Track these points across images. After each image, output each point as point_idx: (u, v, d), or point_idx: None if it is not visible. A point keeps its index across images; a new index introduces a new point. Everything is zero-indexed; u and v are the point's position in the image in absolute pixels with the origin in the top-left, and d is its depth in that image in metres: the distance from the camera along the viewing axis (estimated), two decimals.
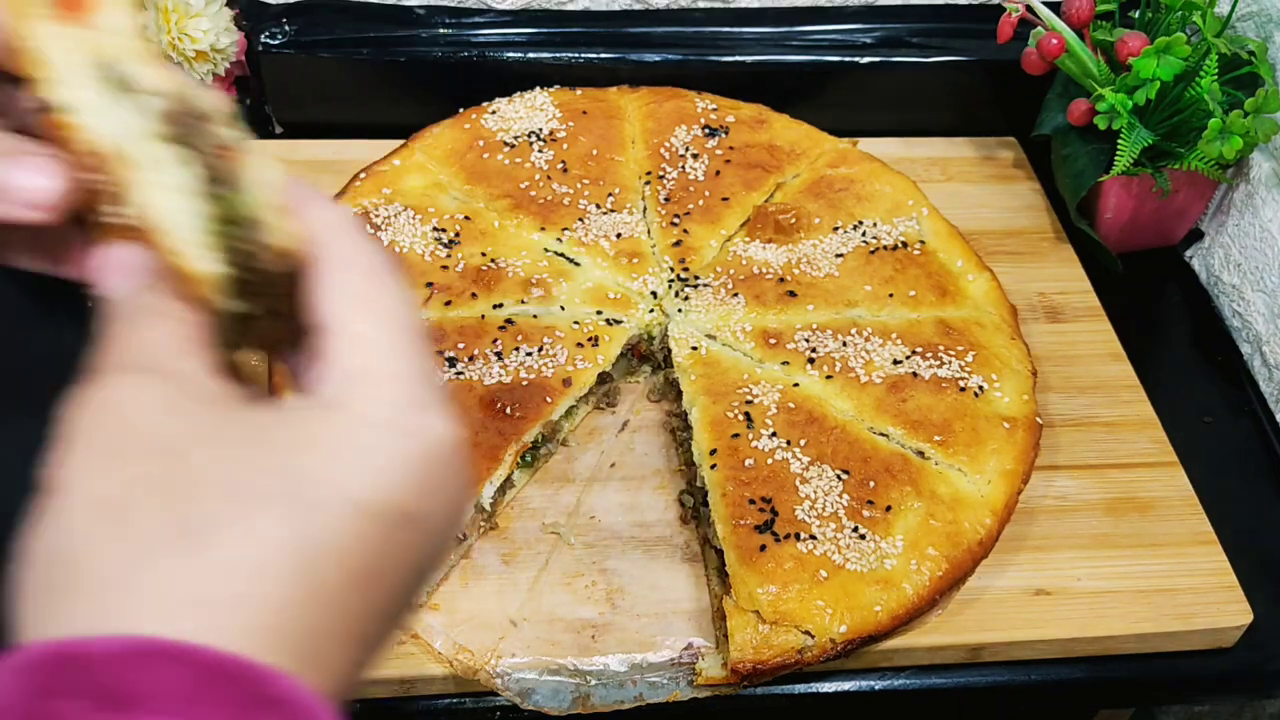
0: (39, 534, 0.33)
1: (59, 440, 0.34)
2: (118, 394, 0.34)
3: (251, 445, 0.33)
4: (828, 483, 0.68)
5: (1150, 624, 0.68)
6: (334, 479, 0.33)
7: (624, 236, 0.81)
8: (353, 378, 0.36)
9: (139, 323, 0.37)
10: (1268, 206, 0.85)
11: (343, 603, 0.33)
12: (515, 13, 0.94)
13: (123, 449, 0.33)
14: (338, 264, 0.38)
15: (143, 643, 0.30)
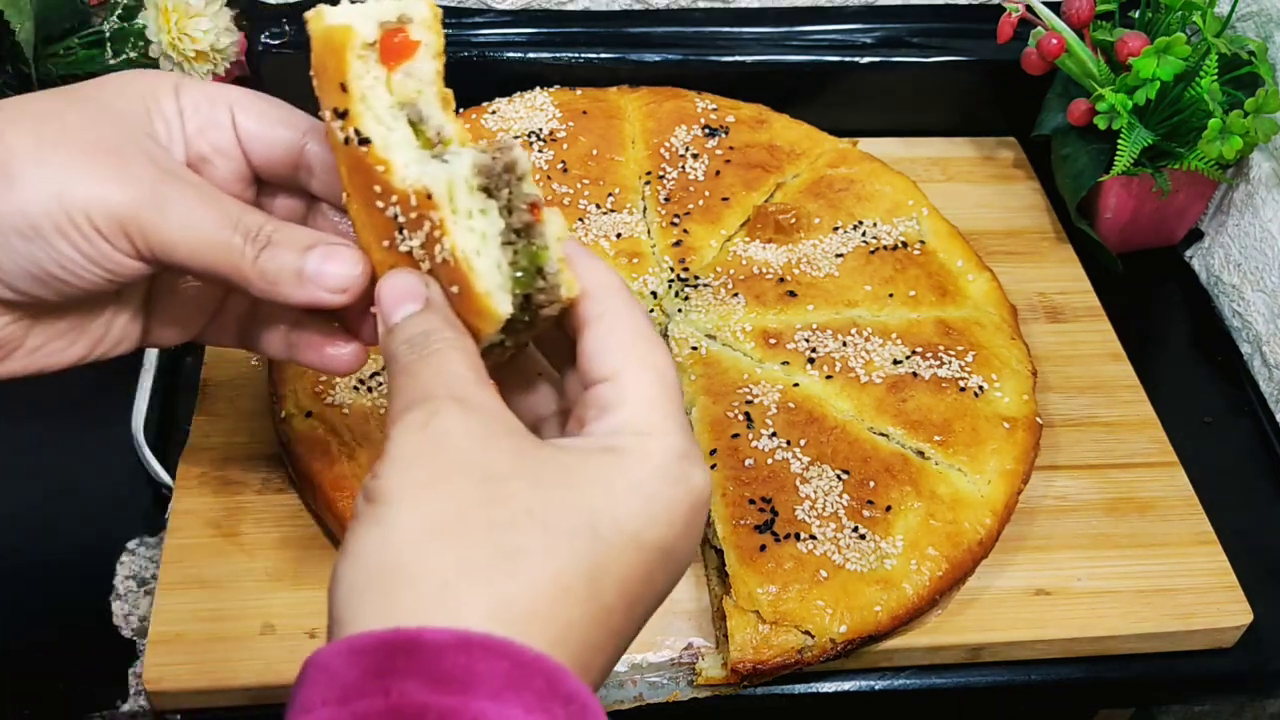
0: (366, 538, 0.38)
1: (387, 457, 0.39)
2: (440, 422, 0.39)
3: (557, 481, 0.39)
4: (828, 483, 0.68)
5: (1150, 624, 0.68)
6: (620, 517, 0.39)
7: (624, 236, 0.81)
8: (636, 428, 0.41)
9: (436, 352, 0.42)
10: (1268, 206, 0.85)
11: (614, 622, 0.39)
12: (515, 13, 0.94)
13: (449, 474, 0.38)
14: (616, 323, 0.44)
15: (470, 635, 0.35)
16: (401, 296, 0.44)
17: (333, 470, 0.66)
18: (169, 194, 0.46)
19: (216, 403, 0.74)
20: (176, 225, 0.46)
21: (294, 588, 0.66)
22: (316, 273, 0.47)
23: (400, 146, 0.46)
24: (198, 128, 0.49)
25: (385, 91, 0.47)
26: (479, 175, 0.44)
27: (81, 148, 0.46)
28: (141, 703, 0.63)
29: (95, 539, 0.70)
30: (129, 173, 0.46)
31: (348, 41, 0.45)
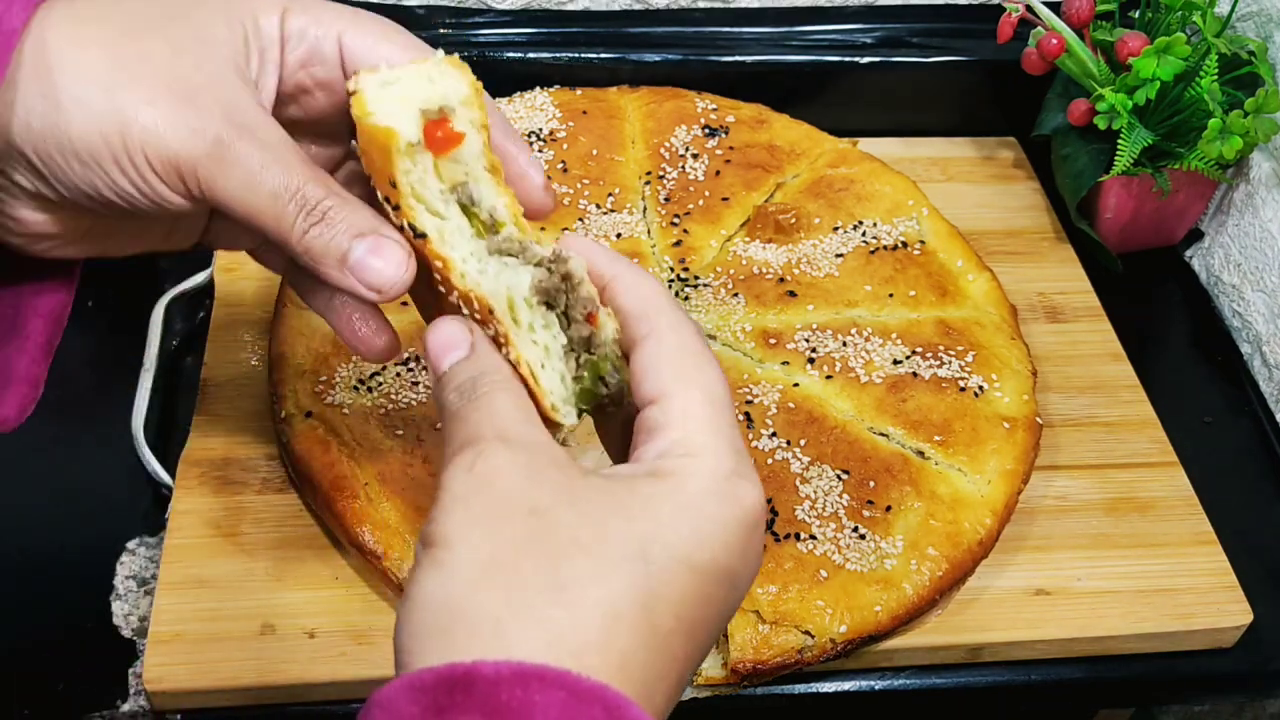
0: (425, 581, 0.38)
1: (440, 501, 0.40)
2: (486, 462, 0.40)
3: (605, 509, 0.39)
4: (828, 483, 0.68)
5: (1150, 624, 0.68)
6: (672, 541, 0.39)
7: (624, 236, 0.81)
8: (683, 450, 0.41)
9: (484, 395, 0.42)
10: (1268, 206, 0.85)
11: (673, 648, 0.39)
12: (515, 13, 0.94)
13: (498, 511, 0.39)
14: (661, 344, 0.43)
15: (526, 667, 0.35)
16: (448, 344, 0.44)
17: (333, 470, 0.66)
18: (232, 148, 0.45)
19: (216, 403, 0.74)
20: (234, 184, 0.45)
21: (294, 588, 0.66)
22: (359, 264, 0.46)
23: (455, 236, 0.46)
24: (300, 59, 0.48)
25: (435, 179, 0.46)
26: (538, 293, 0.44)
27: (155, 82, 0.45)
28: (141, 703, 0.63)
29: (95, 539, 0.70)
30: (197, 118, 0.44)
31: (392, 143, 0.45)
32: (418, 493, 0.65)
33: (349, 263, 0.46)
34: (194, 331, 0.80)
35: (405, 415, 0.69)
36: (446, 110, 0.46)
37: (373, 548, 0.63)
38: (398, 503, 0.65)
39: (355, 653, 0.63)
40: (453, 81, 0.47)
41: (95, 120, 0.44)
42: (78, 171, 0.45)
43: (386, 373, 0.71)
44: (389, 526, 0.64)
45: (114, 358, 0.57)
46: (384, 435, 0.68)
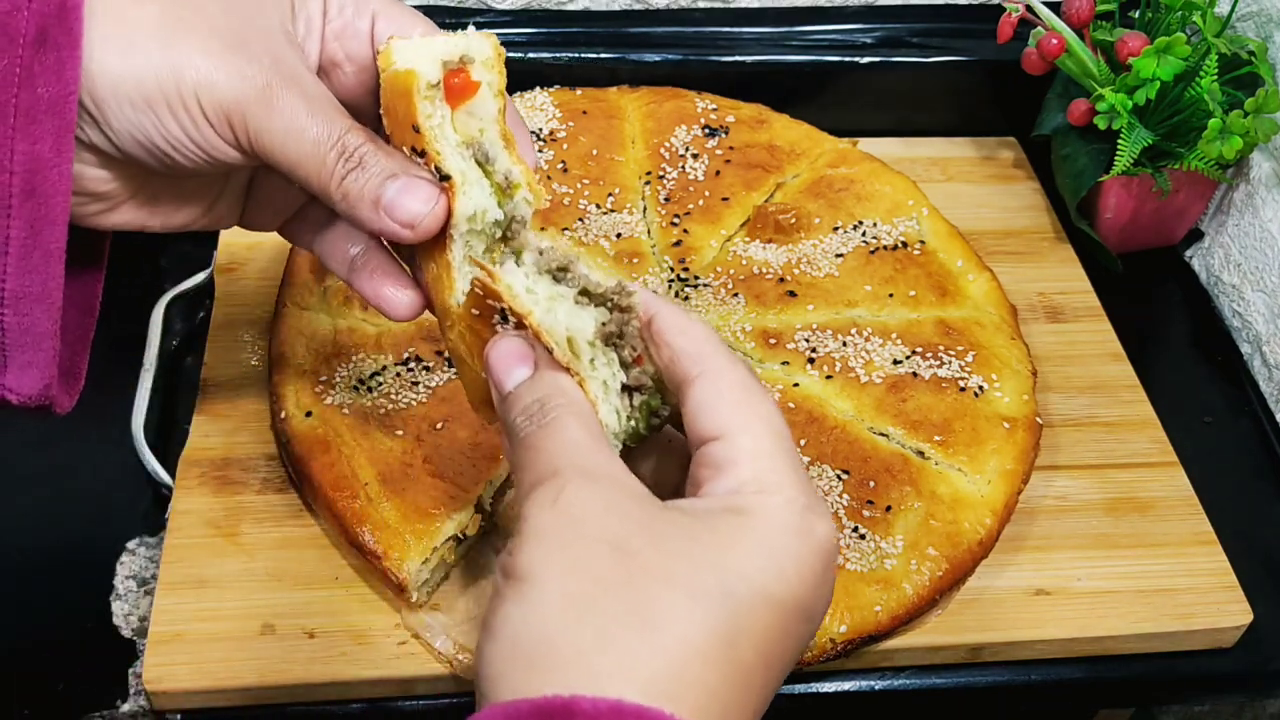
0: (510, 613, 0.39)
1: (522, 533, 0.40)
2: (568, 496, 0.40)
3: (687, 545, 0.39)
4: (828, 483, 0.68)
5: (1150, 624, 0.68)
6: (751, 576, 0.39)
7: (624, 236, 0.81)
8: (756, 486, 0.42)
9: (554, 420, 0.43)
10: (1268, 206, 0.85)
11: (753, 682, 0.39)
12: (515, 13, 0.94)
13: (582, 546, 0.39)
14: (719, 380, 0.44)
15: (624, 705, 0.36)
16: (511, 363, 0.45)
17: (333, 470, 0.66)
18: (280, 96, 0.47)
19: (216, 403, 0.74)
20: (279, 128, 0.47)
21: (294, 588, 0.66)
22: (391, 203, 0.48)
23: (474, 189, 0.48)
24: (336, 31, 0.51)
25: (452, 130, 0.48)
26: (602, 336, 0.45)
27: (209, 31, 0.47)
28: (141, 703, 0.63)
29: (95, 539, 0.70)
30: (248, 66, 0.47)
31: (413, 84, 0.47)
32: (418, 493, 0.65)
33: (383, 202, 0.48)
34: (194, 331, 0.80)
35: (405, 415, 0.69)
36: (466, 60, 0.48)
37: (373, 548, 0.63)
38: (398, 503, 0.65)
39: (355, 653, 0.63)
40: (476, 40, 0.49)
41: (150, 67, 0.46)
42: (131, 118, 0.46)
43: (386, 373, 0.71)
44: (389, 526, 0.64)
45: (114, 358, 0.57)
46: (384, 435, 0.68)
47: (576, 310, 0.46)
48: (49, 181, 0.46)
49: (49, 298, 0.48)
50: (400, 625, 0.64)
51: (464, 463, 0.67)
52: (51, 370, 0.49)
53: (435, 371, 0.71)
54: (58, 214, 0.47)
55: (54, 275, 0.47)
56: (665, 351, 0.45)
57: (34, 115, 0.45)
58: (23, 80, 0.45)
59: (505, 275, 0.45)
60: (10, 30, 0.45)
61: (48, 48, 0.45)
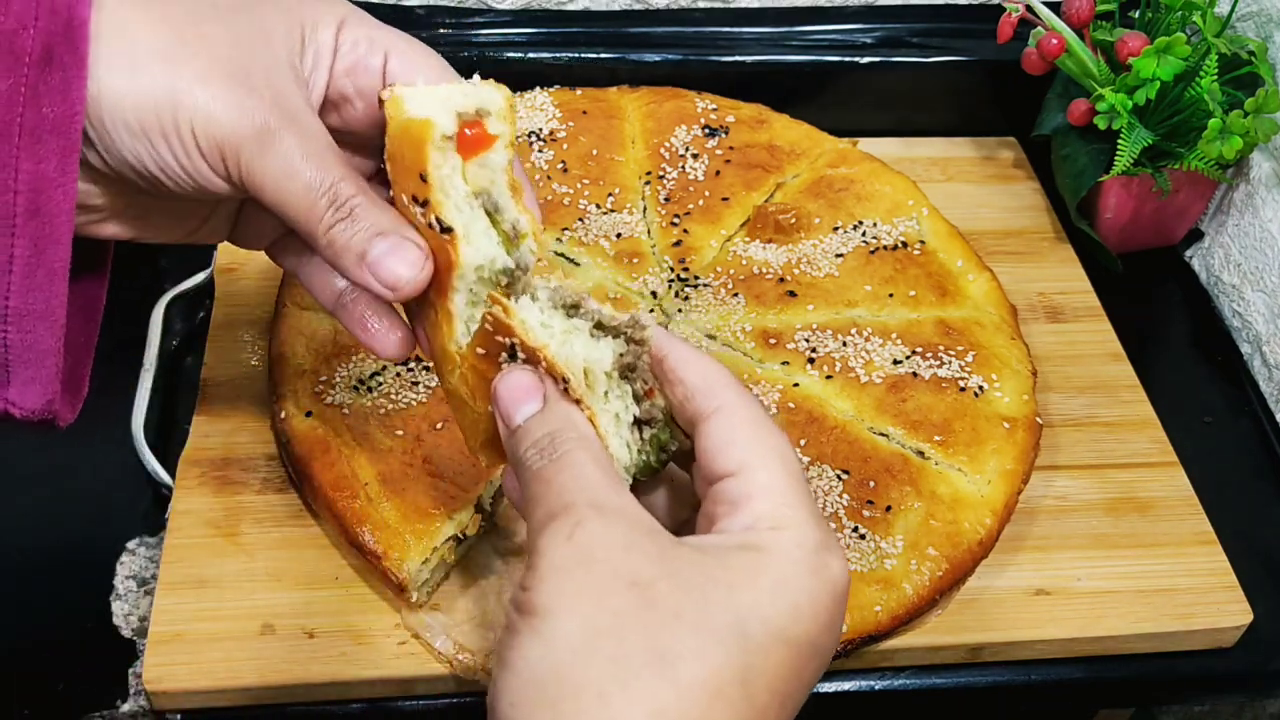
0: (526, 649, 0.39)
1: (537, 569, 0.40)
2: (583, 533, 0.40)
3: (702, 583, 0.40)
4: (828, 483, 0.68)
5: (1150, 624, 0.68)
6: (767, 615, 0.40)
7: (624, 236, 0.81)
8: (770, 523, 0.42)
9: (566, 454, 0.43)
10: (1268, 206, 0.85)
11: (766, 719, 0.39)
12: (515, 13, 0.94)
13: (598, 582, 0.39)
14: (733, 416, 0.44)
15: None
16: (520, 396, 0.45)
17: (333, 470, 0.66)
18: (277, 136, 0.47)
19: (216, 403, 0.74)
20: (272, 168, 0.47)
21: (294, 588, 0.66)
22: (376, 261, 0.48)
23: (481, 238, 0.48)
24: (347, 67, 0.50)
25: (461, 181, 0.48)
26: (618, 367, 0.45)
27: (211, 60, 0.46)
28: (141, 703, 0.63)
29: (95, 539, 0.70)
30: (247, 100, 0.46)
31: (428, 135, 0.46)
32: (418, 493, 0.65)
33: (368, 259, 0.48)
34: (194, 331, 0.80)
35: (405, 415, 0.69)
36: (482, 113, 0.48)
37: (373, 548, 0.63)
38: (398, 503, 0.65)
39: (355, 653, 0.63)
40: (489, 93, 0.48)
41: (149, 92, 0.45)
42: (126, 141, 0.46)
43: (386, 373, 0.71)
44: (389, 526, 0.64)
45: (114, 358, 0.57)
46: (384, 435, 0.68)
47: (592, 343, 0.46)
48: (53, 201, 0.46)
49: (52, 315, 0.48)
50: (400, 625, 0.64)
51: (464, 463, 0.67)
52: (55, 386, 0.49)
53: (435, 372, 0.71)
54: (62, 233, 0.47)
55: (57, 293, 0.47)
56: (678, 388, 0.45)
57: (39, 135, 0.45)
58: (28, 100, 0.45)
59: (520, 310, 0.45)
60: (16, 49, 0.45)
61: (53, 67, 0.45)
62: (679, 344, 0.46)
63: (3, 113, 0.45)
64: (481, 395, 0.47)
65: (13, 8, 0.45)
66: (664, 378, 0.46)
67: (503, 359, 0.46)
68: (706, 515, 0.44)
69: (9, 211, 0.46)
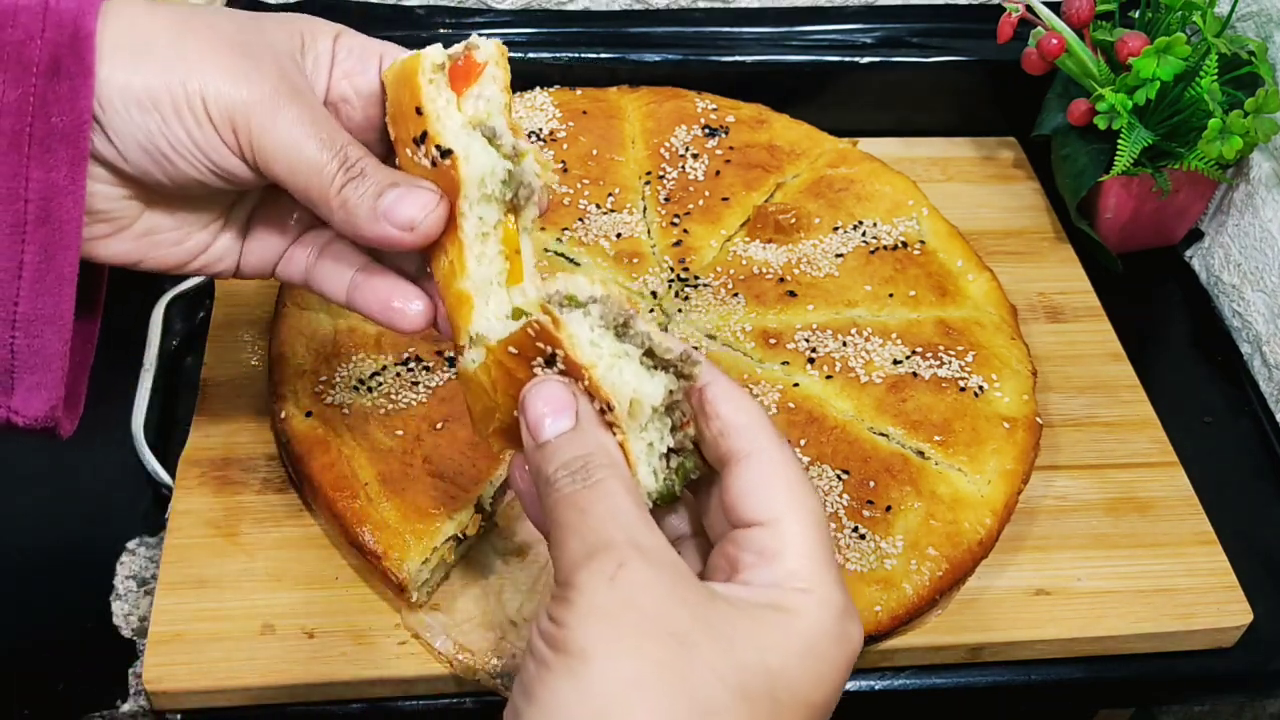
0: (561, 689, 0.39)
1: (575, 605, 0.40)
2: (627, 575, 0.40)
3: (738, 642, 0.40)
4: (827, 483, 0.68)
5: (1150, 624, 0.68)
6: (794, 683, 0.40)
7: (624, 236, 0.81)
8: (799, 583, 0.42)
9: (600, 483, 0.43)
10: (1268, 206, 0.85)
11: None
12: (515, 13, 0.94)
13: (641, 630, 0.39)
14: (772, 464, 0.44)
15: None
16: (552, 409, 0.44)
17: (333, 470, 0.66)
18: (284, 104, 0.48)
19: (216, 403, 0.74)
20: (282, 135, 0.48)
21: (294, 588, 0.66)
22: (390, 208, 0.49)
23: (480, 156, 0.48)
24: (345, 71, 0.52)
25: (456, 111, 0.49)
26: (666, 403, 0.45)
27: (219, 42, 0.48)
28: (141, 703, 0.63)
29: (95, 539, 0.70)
30: (254, 74, 0.48)
31: (418, 67, 0.48)
32: (418, 493, 0.65)
33: (381, 208, 0.49)
34: (194, 331, 0.80)
35: (405, 415, 0.69)
36: (470, 47, 0.49)
37: (373, 548, 0.63)
38: (398, 503, 0.65)
39: (355, 653, 0.63)
40: (489, 44, 0.50)
41: (159, 67, 0.47)
42: (137, 120, 0.47)
43: (386, 373, 0.71)
44: (389, 526, 0.64)
45: (114, 358, 0.57)
46: (384, 435, 0.68)
47: (644, 373, 0.45)
48: (63, 208, 0.47)
49: (60, 319, 0.48)
50: (400, 625, 0.64)
51: (464, 463, 0.67)
52: (59, 391, 0.50)
53: (435, 371, 0.71)
54: (71, 239, 0.47)
55: (65, 298, 0.48)
56: (715, 422, 0.45)
57: (49, 144, 0.46)
58: (37, 110, 0.46)
59: (570, 324, 0.44)
60: (24, 60, 0.46)
61: (61, 76, 0.46)
62: (723, 378, 0.46)
63: (12, 123, 0.46)
64: (504, 390, 0.47)
65: (20, 20, 0.46)
66: (702, 410, 0.45)
67: (536, 363, 0.45)
68: (728, 558, 0.44)
69: (19, 220, 0.46)
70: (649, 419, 0.44)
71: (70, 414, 0.53)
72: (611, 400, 0.44)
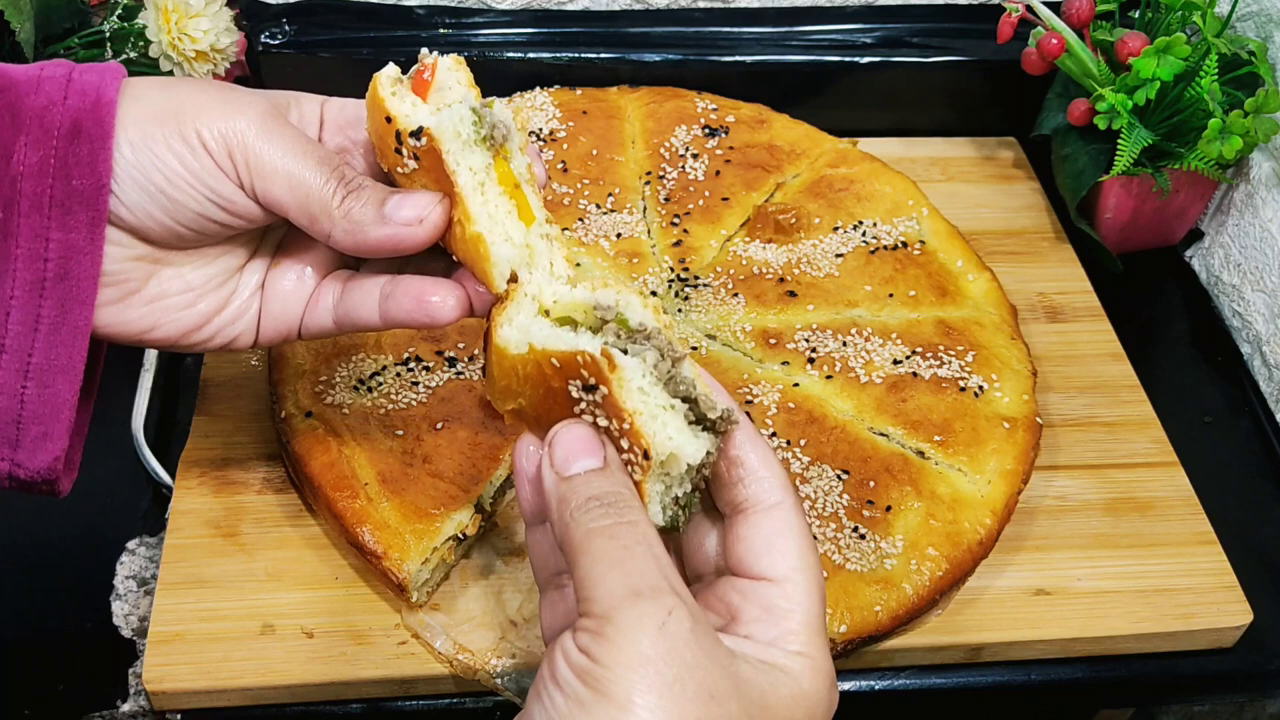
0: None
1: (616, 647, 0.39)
2: (675, 627, 0.40)
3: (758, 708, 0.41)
4: (827, 483, 0.68)
5: (1150, 624, 0.68)
6: None
7: (624, 236, 0.81)
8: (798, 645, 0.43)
9: (635, 525, 0.42)
10: (1268, 206, 0.85)
11: None
12: (515, 13, 0.94)
13: (685, 691, 0.39)
14: (791, 523, 0.45)
15: None
16: (580, 450, 0.44)
17: (333, 470, 0.66)
18: (277, 129, 0.49)
19: (216, 403, 0.74)
20: (279, 157, 0.49)
21: (294, 588, 0.66)
22: (393, 211, 0.50)
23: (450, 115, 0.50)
24: (340, 124, 0.54)
25: (425, 106, 0.51)
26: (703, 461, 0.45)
27: (203, 84, 0.50)
28: (141, 703, 0.63)
29: (95, 539, 0.70)
30: (244, 105, 0.49)
31: (377, 83, 0.50)
32: (418, 493, 0.65)
33: (386, 211, 0.50)
34: None
35: (405, 415, 0.69)
36: (424, 64, 0.51)
37: (373, 548, 0.63)
38: (397, 503, 0.65)
39: (355, 653, 0.63)
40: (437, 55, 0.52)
41: (152, 108, 0.48)
42: (130, 158, 0.48)
43: (387, 373, 0.71)
44: (389, 526, 0.64)
45: (114, 358, 0.57)
46: (384, 435, 0.68)
47: (686, 430, 0.45)
48: (81, 266, 0.48)
49: (73, 369, 0.49)
50: (400, 625, 0.64)
51: (464, 463, 0.67)
52: (64, 441, 0.51)
53: (435, 371, 0.71)
54: (87, 294, 0.49)
55: (79, 349, 0.49)
56: (738, 470, 0.45)
57: (69, 206, 0.47)
58: (57, 172, 0.47)
59: (625, 369, 0.44)
60: (46, 124, 0.47)
61: (81, 140, 0.47)
62: (745, 424, 0.46)
63: (34, 184, 0.47)
64: (534, 386, 0.47)
65: (44, 88, 0.48)
66: (724, 452, 0.46)
67: (575, 385, 0.45)
68: (729, 606, 0.44)
69: (39, 277, 0.48)
70: (682, 474, 0.45)
71: (68, 473, 0.54)
72: (650, 449, 0.44)
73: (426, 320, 0.52)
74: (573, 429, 0.45)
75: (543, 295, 0.49)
